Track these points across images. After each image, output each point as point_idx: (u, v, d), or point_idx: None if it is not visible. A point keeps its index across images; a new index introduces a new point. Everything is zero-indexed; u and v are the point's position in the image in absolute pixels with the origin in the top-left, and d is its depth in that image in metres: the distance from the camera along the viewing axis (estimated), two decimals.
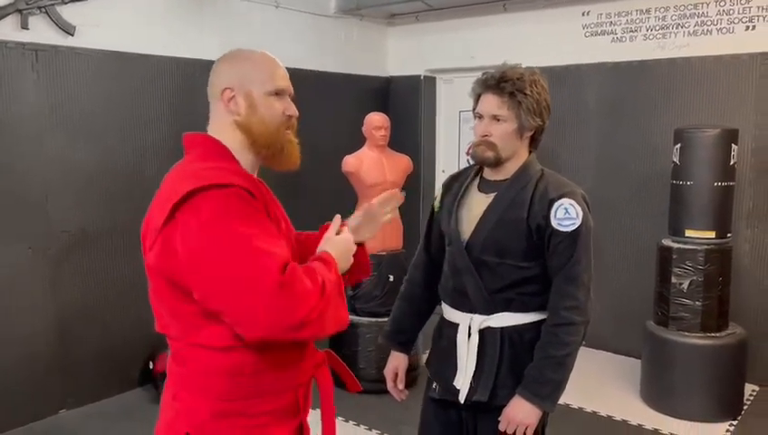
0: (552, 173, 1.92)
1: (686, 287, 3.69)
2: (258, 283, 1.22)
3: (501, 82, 1.82)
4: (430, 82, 5.75)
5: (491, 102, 1.84)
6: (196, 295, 1.29)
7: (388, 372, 2.11)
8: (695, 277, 3.67)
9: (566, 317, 1.79)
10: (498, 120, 1.83)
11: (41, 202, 3.59)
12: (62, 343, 3.72)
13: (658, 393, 3.84)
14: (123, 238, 3.93)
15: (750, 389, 4.07)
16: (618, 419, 3.74)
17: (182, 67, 4.15)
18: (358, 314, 4.03)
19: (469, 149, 6.67)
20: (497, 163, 1.88)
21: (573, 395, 3.94)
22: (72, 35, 3.59)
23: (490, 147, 1.85)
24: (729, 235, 3.74)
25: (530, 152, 1.94)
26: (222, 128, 1.45)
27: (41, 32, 3.50)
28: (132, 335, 4.00)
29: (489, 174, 1.95)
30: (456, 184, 2.03)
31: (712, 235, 3.67)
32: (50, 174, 3.61)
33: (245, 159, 1.45)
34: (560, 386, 1.81)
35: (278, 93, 1.44)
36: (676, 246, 3.75)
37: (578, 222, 1.79)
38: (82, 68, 3.70)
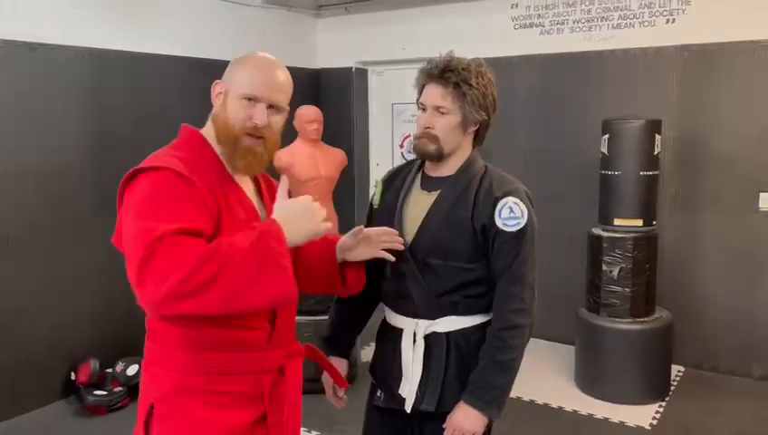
0: (495, 169, 1.85)
1: (615, 275, 3.78)
2: (134, 260, 1.27)
3: (445, 72, 1.73)
4: (361, 74, 5.68)
5: (434, 93, 1.75)
6: None
7: (326, 379, 1.99)
8: (624, 265, 3.77)
9: (512, 320, 1.72)
10: (441, 112, 1.74)
11: None
12: None
13: (592, 379, 3.94)
14: (40, 242, 3.68)
15: (676, 370, 4.23)
16: (554, 406, 3.81)
17: (97, 58, 3.90)
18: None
19: (403, 142, 6.62)
20: (440, 157, 1.79)
21: None
22: None
23: (432, 140, 1.76)
24: (655, 223, 3.86)
25: (473, 148, 1.86)
26: (210, 118, 1.55)
27: None
28: (52, 344, 3.77)
29: (431, 170, 1.86)
30: (398, 180, 1.92)
31: (639, 223, 3.78)
32: None
33: (220, 150, 1.51)
34: (505, 391, 1.74)
35: (250, 99, 1.47)
36: (605, 234, 3.84)
37: (523, 221, 1.73)
38: None
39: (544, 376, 4.21)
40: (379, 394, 1.93)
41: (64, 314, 3.84)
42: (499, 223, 1.73)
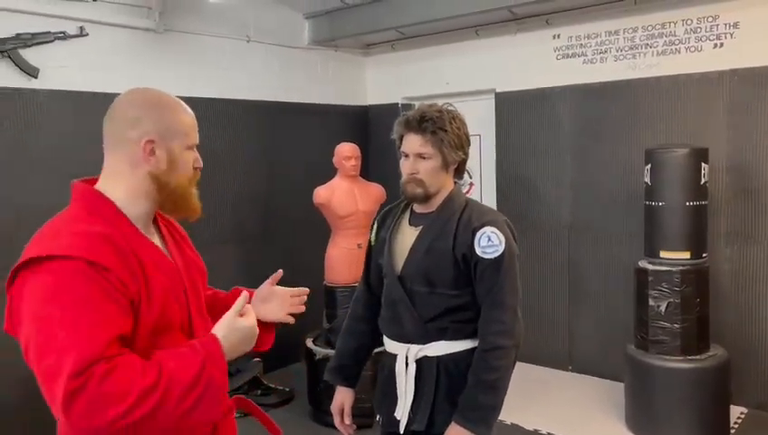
0: (477, 203, 2.03)
1: (663, 310, 3.61)
2: (53, 382, 1.14)
3: (422, 122, 1.91)
4: (408, 109, 5.69)
5: (414, 142, 1.93)
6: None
7: (334, 408, 2.14)
8: (671, 299, 3.59)
9: (494, 342, 1.85)
10: (424, 157, 1.92)
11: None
12: None
13: (643, 419, 3.75)
14: None
15: (738, 411, 3.96)
16: None
17: None
18: (333, 347, 3.96)
19: None
20: (427, 198, 1.97)
21: (558, 424, 3.87)
22: (36, 78, 3.60)
23: (419, 184, 1.94)
24: (705, 255, 3.67)
25: (455, 183, 2.04)
26: (123, 174, 1.38)
27: (3, 76, 3.50)
28: None
29: (418, 207, 2.04)
30: (389, 218, 2.12)
31: (687, 255, 3.60)
32: (14, 216, 3.55)
33: (140, 207, 1.39)
34: (493, 410, 1.85)
35: (192, 147, 1.45)
36: (651, 267, 3.69)
37: (501, 248, 1.87)
38: (48, 109, 3.69)
39: (593, 415, 4.04)
40: (378, 419, 2.09)
41: None
42: (479, 251, 1.88)
